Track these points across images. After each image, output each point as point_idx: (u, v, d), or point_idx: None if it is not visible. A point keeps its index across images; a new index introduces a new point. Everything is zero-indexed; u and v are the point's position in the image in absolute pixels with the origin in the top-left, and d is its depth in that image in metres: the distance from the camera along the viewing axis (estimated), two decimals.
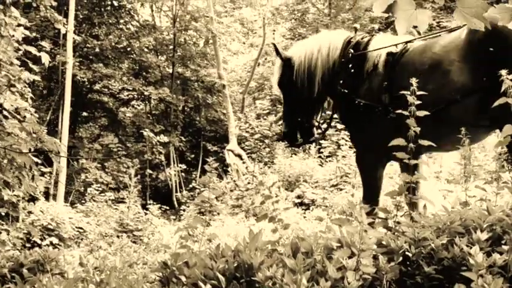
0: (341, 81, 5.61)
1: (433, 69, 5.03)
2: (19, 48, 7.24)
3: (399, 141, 4.10)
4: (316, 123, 6.23)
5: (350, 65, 5.63)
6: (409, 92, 4.27)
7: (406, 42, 5.43)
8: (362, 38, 5.79)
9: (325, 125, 6.47)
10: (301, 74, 5.92)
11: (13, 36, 6.89)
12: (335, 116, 6.33)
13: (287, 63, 6.02)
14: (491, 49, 4.63)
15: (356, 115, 5.56)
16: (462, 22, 2.94)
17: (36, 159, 5.96)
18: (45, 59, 7.04)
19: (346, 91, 5.55)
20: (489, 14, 2.88)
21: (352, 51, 5.66)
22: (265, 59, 31.15)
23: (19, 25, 7.07)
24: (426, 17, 2.97)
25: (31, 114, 6.15)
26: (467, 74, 4.86)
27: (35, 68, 7.62)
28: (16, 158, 5.71)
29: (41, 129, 5.54)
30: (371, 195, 5.71)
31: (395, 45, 5.46)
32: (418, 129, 4.03)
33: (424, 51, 5.23)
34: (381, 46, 5.55)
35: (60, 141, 12.25)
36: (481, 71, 4.73)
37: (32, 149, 5.53)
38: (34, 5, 15.01)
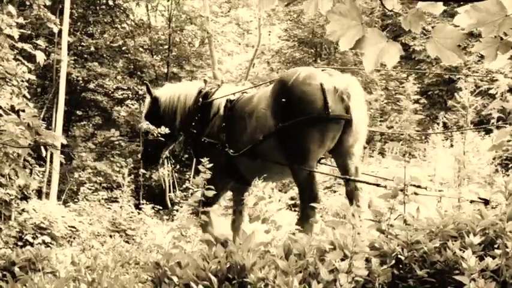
0: (193, 124, 6.75)
1: (250, 114, 6.12)
2: (15, 46, 7.22)
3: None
4: (164, 155, 7.50)
5: (199, 111, 6.79)
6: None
7: (242, 92, 6.66)
8: (211, 89, 6.98)
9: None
10: (165, 114, 7.13)
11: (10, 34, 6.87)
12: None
13: (155, 101, 7.26)
14: (283, 100, 5.68)
15: (203, 151, 6.51)
16: (434, 54, 2.87)
17: (30, 159, 5.95)
18: (40, 57, 7.03)
19: (196, 131, 6.66)
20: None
21: (201, 99, 6.84)
22: (261, 59, 31.21)
23: (15, 23, 7.05)
24: (397, 50, 2.90)
25: (29, 108, 6.13)
26: (269, 119, 5.87)
27: (30, 66, 7.60)
28: (11, 151, 5.70)
29: (39, 124, 5.54)
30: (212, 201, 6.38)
31: (234, 93, 6.64)
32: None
33: (249, 100, 6.34)
34: (223, 95, 6.68)
35: None
36: (278, 117, 5.76)
37: (31, 143, 5.52)
38: (28, 3, 14.98)
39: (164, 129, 6.08)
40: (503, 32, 2.72)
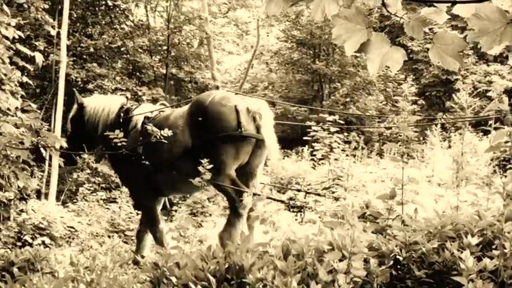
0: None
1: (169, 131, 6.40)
2: (11, 47, 7.22)
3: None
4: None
5: (120, 124, 7.19)
6: None
7: (160, 110, 7.14)
8: (132, 106, 7.50)
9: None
10: (88, 122, 7.60)
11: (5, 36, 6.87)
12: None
13: (81, 107, 7.69)
14: (200, 119, 6.27)
15: (121, 161, 7.01)
16: (436, 61, 2.89)
17: (30, 161, 5.95)
18: (39, 59, 7.04)
19: (114, 143, 6.80)
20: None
21: (122, 114, 7.31)
22: (259, 60, 31.20)
23: (10, 24, 7.04)
24: (401, 55, 2.92)
25: (32, 108, 6.15)
26: (187, 136, 6.43)
27: (29, 67, 7.60)
28: (11, 153, 5.69)
29: (41, 125, 5.56)
30: (150, 220, 7.22)
31: (152, 111, 7.15)
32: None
33: (166, 118, 6.83)
34: (142, 112, 7.20)
35: None
36: (195, 134, 6.35)
37: (31, 145, 5.52)
38: (25, 6, 14.97)
39: (167, 131, 6.20)
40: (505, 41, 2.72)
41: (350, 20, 2.81)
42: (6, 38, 6.98)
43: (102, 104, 7.67)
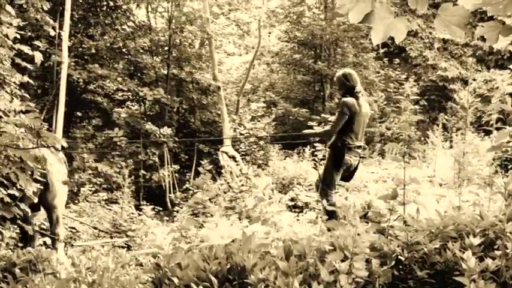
0: None
1: None
2: (13, 47, 7.22)
3: None
4: None
5: None
6: None
7: None
8: None
9: None
10: None
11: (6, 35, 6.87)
12: None
13: None
14: None
15: None
16: (442, 30, 2.90)
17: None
18: (38, 58, 7.04)
19: None
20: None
21: None
22: (261, 60, 31.20)
23: (11, 24, 7.05)
24: (404, 26, 2.93)
25: (32, 109, 6.14)
26: None
27: (30, 66, 7.60)
28: (13, 154, 5.70)
29: (41, 125, 5.55)
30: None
31: None
32: None
33: None
34: None
35: None
36: None
37: (33, 145, 5.53)
38: (25, 6, 14.97)
39: (166, 130, 6.12)
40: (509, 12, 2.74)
41: None
42: (8, 37, 6.98)
43: None
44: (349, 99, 7.36)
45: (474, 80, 23.00)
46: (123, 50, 24.91)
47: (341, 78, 7.61)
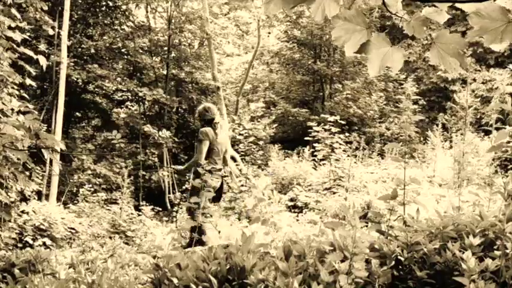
0: None
1: None
2: (16, 50, 7.21)
3: None
4: None
5: None
6: None
7: None
8: None
9: None
10: None
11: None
12: None
13: None
14: None
15: None
16: (436, 61, 2.86)
17: (30, 162, 5.96)
18: (43, 62, 7.02)
19: None
20: None
21: None
22: (260, 60, 31.20)
23: (17, 27, 7.04)
24: (401, 56, 2.90)
25: (31, 110, 6.13)
26: None
27: (31, 69, 7.59)
28: (12, 154, 5.69)
29: (40, 126, 5.54)
30: None
31: None
32: None
33: None
34: None
35: None
36: None
37: (30, 146, 5.52)
38: (24, 6, 14.95)
39: (165, 132, 6.13)
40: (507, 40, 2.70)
41: (350, 20, 2.79)
42: (13, 40, 6.97)
43: None
44: (205, 129, 8.47)
45: (474, 80, 22.99)
46: (123, 50, 24.91)
47: (202, 111, 8.76)
